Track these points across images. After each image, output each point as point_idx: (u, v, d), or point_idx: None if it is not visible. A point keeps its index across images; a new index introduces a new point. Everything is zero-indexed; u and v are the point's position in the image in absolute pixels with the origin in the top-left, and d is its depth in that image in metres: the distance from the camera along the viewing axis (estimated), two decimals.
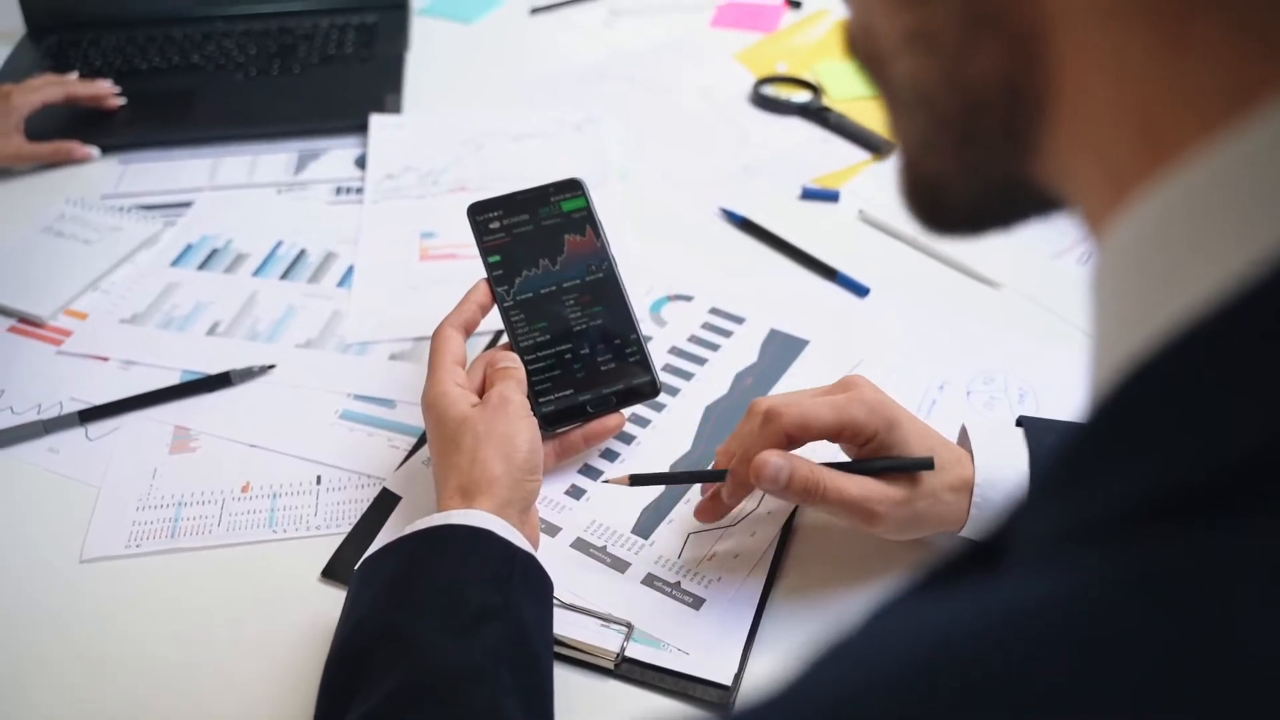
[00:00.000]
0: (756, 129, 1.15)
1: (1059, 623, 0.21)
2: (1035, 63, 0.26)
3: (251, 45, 1.28)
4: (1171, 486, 0.22)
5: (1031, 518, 0.26)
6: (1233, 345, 0.22)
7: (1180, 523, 0.21)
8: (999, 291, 0.92)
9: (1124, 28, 0.23)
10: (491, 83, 1.26)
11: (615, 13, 1.40)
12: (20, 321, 0.91)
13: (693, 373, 0.83)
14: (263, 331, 0.90)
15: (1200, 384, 0.22)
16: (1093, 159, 0.26)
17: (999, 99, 0.28)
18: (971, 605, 0.23)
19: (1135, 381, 0.23)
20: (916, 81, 0.30)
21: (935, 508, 0.64)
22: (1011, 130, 0.28)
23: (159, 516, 0.74)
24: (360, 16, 1.33)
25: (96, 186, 1.08)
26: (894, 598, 0.26)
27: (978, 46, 0.27)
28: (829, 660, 0.24)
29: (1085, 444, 0.24)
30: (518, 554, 0.60)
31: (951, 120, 0.30)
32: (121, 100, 1.17)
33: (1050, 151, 0.27)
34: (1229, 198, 0.22)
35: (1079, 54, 0.25)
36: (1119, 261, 0.25)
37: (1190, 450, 0.22)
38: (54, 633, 0.67)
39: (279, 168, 1.11)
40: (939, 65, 0.29)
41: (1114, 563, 0.21)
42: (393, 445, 0.79)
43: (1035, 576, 0.23)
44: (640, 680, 0.63)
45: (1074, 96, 0.26)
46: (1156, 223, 0.24)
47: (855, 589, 0.68)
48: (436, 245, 0.99)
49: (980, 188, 0.31)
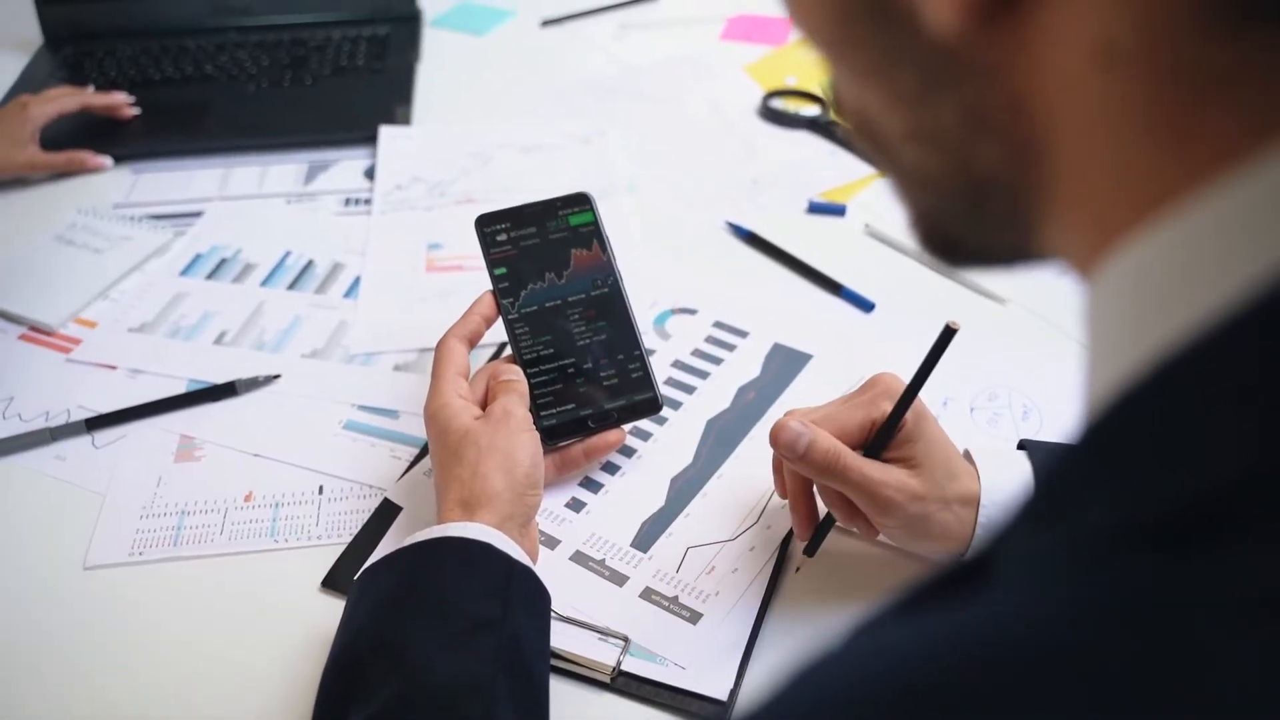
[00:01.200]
0: (765, 142, 1.15)
1: (1025, 646, 0.21)
2: (1035, 163, 0.27)
3: (264, 56, 1.29)
4: (1144, 514, 0.22)
5: (1013, 539, 0.26)
6: (1207, 380, 0.22)
7: (1152, 549, 0.21)
8: (1005, 307, 0.92)
9: (1123, 132, 0.24)
10: (501, 95, 1.26)
11: (626, 26, 1.41)
12: (30, 329, 0.92)
13: (695, 386, 0.84)
14: (269, 341, 0.90)
15: (1175, 415, 0.23)
16: (1086, 223, 0.27)
17: (1002, 191, 0.29)
18: (947, 626, 0.23)
19: (1115, 411, 0.24)
20: (920, 169, 0.31)
21: (944, 515, 0.64)
22: (1012, 216, 0.29)
23: (162, 525, 0.74)
24: (373, 28, 1.34)
25: (108, 195, 1.09)
26: (875, 615, 0.27)
27: (978, 148, 0.28)
28: (809, 676, 0.25)
29: (1066, 469, 0.25)
30: (516, 567, 0.60)
31: (957, 202, 0.31)
32: (136, 110, 1.18)
33: (1049, 226, 0.28)
34: (1206, 248, 0.23)
35: (1078, 155, 0.26)
36: (1107, 301, 0.26)
37: (1165, 479, 0.22)
38: (56, 638, 0.68)
39: (289, 178, 1.11)
40: (943, 159, 0.30)
41: (1085, 586, 0.22)
42: (395, 456, 0.79)
43: (1010, 598, 0.23)
44: (636, 694, 0.63)
45: (1072, 187, 0.27)
46: (1139, 269, 0.25)
47: (853, 605, 0.68)
48: (443, 257, 0.99)
49: (989, 245, 0.32)
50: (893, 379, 0.66)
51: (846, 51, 0.31)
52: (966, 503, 0.64)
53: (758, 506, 0.73)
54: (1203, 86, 0.23)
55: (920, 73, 0.29)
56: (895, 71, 0.29)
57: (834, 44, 0.31)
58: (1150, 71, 0.23)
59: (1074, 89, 0.25)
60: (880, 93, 0.31)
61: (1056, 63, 0.25)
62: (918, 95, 0.29)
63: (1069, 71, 0.25)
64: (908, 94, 0.29)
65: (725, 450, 0.78)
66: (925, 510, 0.63)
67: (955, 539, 0.64)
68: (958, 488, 0.64)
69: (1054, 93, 0.25)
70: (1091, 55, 0.24)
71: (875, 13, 0.28)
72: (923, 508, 0.63)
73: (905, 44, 0.28)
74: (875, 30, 0.29)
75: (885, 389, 0.65)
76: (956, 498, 0.64)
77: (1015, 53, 0.26)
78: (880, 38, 0.29)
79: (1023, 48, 0.25)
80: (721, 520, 0.73)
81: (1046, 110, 0.26)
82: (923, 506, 0.63)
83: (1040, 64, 0.25)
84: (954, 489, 0.64)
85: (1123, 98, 0.24)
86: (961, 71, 0.27)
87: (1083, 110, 0.25)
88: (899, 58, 0.29)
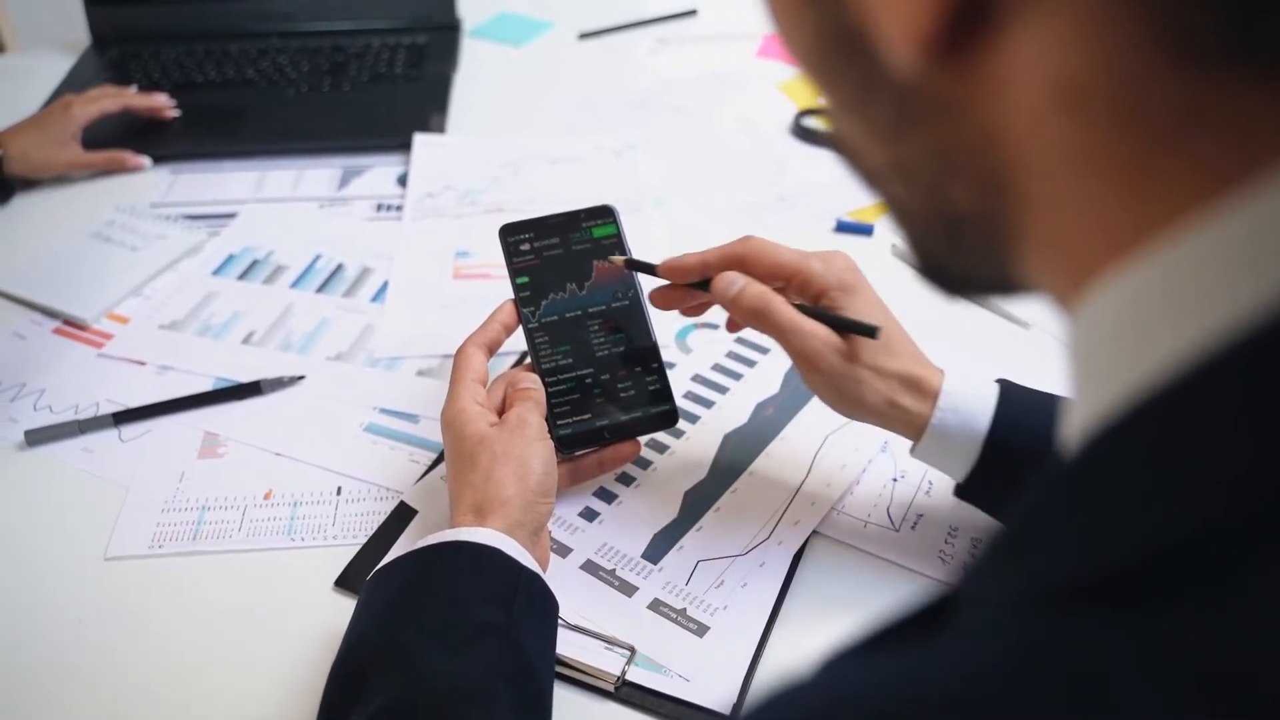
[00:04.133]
0: (795, 160, 1.16)
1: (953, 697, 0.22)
2: (1004, 200, 0.27)
3: (304, 62, 1.31)
4: (1097, 568, 0.22)
5: (980, 578, 0.26)
6: (1168, 430, 0.22)
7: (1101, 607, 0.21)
8: (1028, 332, 0.92)
9: (1087, 172, 0.24)
10: (536, 106, 1.28)
11: (662, 40, 1.42)
12: (65, 323, 0.94)
13: (714, 401, 0.84)
14: (296, 343, 0.92)
15: (1135, 466, 0.23)
16: (1060, 261, 0.27)
17: (974, 226, 0.29)
18: (896, 669, 0.24)
19: (1079, 457, 0.24)
20: (901, 201, 0.32)
21: (878, 385, 0.65)
22: (989, 249, 0.29)
23: (183, 519, 0.76)
24: (412, 37, 1.36)
25: (146, 195, 1.11)
26: (845, 649, 0.27)
27: (949, 184, 0.29)
28: (775, 703, 0.26)
29: (1032, 515, 0.25)
30: (524, 573, 0.61)
31: (937, 235, 0.31)
32: (176, 112, 1.21)
33: (1025, 260, 0.29)
34: (1174, 290, 0.23)
35: (1045, 193, 0.26)
36: (1083, 341, 0.26)
37: (1120, 533, 0.22)
38: (75, 627, 0.69)
39: (323, 183, 1.13)
40: (918, 194, 0.30)
41: (1018, 637, 0.22)
42: (414, 460, 0.80)
43: (956, 646, 0.24)
44: (640, 704, 0.63)
45: (1042, 224, 0.27)
46: (1111, 312, 0.25)
47: (860, 624, 0.68)
48: (470, 264, 1.00)
49: (972, 277, 0.33)
50: (844, 256, 0.70)
51: (829, 82, 0.31)
52: (911, 386, 0.66)
53: (770, 522, 0.73)
54: (1165, 129, 0.23)
55: (893, 109, 0.29)
56: (871, 107, 0.30)
57: (819, 76, 0.31)
58: (1112, 114, 0.23)
59: (1037, 129, 0.25)
60: (860, 125, 0.31)
61: (1018, 101, 0.25)
62: (893, 130, 0.29)
63: (1031, 111, 0.25)
64: (883, 129, 0.30)
65: (740, 465, 0.78)
66: (855, 374, 0.65)
67: (900, 422, 0.66)
68: (897, 364, 0.66)
69: (1018, 132, 0.25)
70: (1053, 96, 0.24)
71: (847, 48, 0.28)
72: (852, 370, 0.65)
73: (877, 79, 0.28)
74: (849, 64, 0.29)
75: (828, 255, 0.70)
76: (896, 374, 0.65)
77: (977, 91, 0.26)
78: (855, 72, 0.29)
79: (984, 86, 0.25)
80: (733, 535, 0.73)
81: (1013, 149, 0.26)
82: (852, 370, 0.65)
83: (1002, 103, 0.25)
84: (892, 364, 0.65)
85: (1086, 139, 0.24)
86: (928, 109, 0.27)
87: (1047, 150, 0.25)
88: (873, 93, 0.29)
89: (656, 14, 1.46)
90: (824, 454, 0.78)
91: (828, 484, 0.76)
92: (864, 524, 0.74)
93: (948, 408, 0.65)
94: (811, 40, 0.30)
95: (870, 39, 0.27)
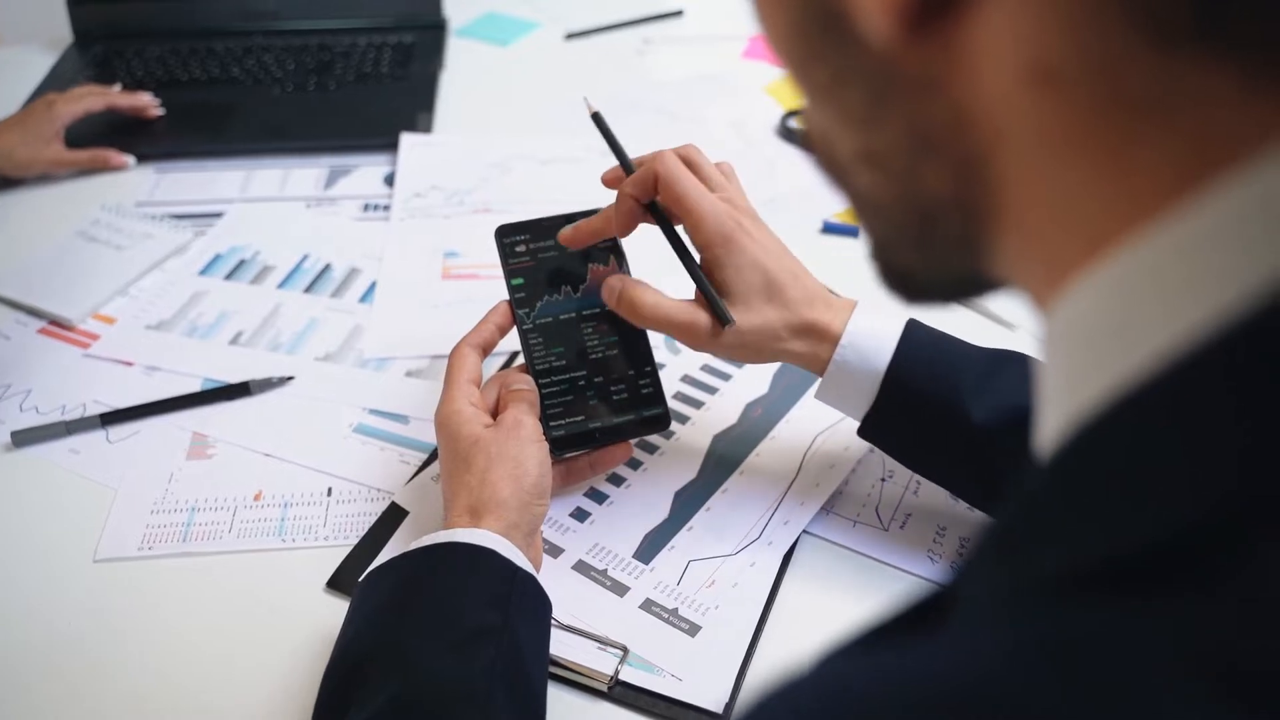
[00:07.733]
0: (782, 162, 1.16)
1: (958, 693, 0.22)
2: (980, 184, 0.27)
3: (290, 60, 1.30)
4: (1096, 559, 0.22)
5: (976, 574, 0.26)
6: (1157, 424, 0.22)
7: (1101, 598, 0.22)
8: (1014, 333, 0.92)
9: (1063, 155, 0.24)
10: (523, 106, 1.28)
11: (649, 41, 1.42)
12: (50, 323, 0.94)
13: (703, 401, 0.84)
14: (284, 343, 0.91)
15: (1129, 459, 0.23)
16: (1036, 254, 0.27)
17: (949, 214, 0.29)
18: (897, 666, 0.24)
19: (1068, 451, 0.24)
20: (871, 194, 0.31)
21: (763, 345, 0.68)
22: (963, 240, 0.29)
23: (172, 520, 0.75)
24: (398, 36, 1.36)
25: (131, 194, 1.11)
26: (843, 644, 0.27)
27: (924, 169, 0.29)
28: (774, 699, 0.26)
29: (1025, 509, 0.25)
30: (519, 574, 0.61)
31: (907, 229, 0.31)
32: (161, 111, 1.20)
33: (1000, 252, 0.28)
34: (1156, 284, 0.23)
35: (1021, 177, 0.26)
36: (1058, 338, 0.26)
37: (1118, 524, 0.22)
38: (64, 628, 0.69)
39: (309, 182, 1.13)
40: (890, 183, 0.30)
41: (1027, 631, 0.22)
42: (404, 461, 0.80)
43: (958, 641, 0.23)
44: (632, 704, 0.63)
45: (1019, 211, 0.27)
46: (1090, 308, 0.25)
47: (852, 622, 0.68)
48: (458, 265, 1.00)
49: (942, 277, 0.33)
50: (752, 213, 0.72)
51: (805, 69, 0.31)
52: (803, 333, 0.68)
53: (760, 522, 0.74)
54: (1140, 111, 0.23)
55: (868, 91, 0.29)
56: (845, 90, 0.29)
57: (795, 61, 0.31)
58: (1086, 94, 0.23)
59: (1012, 109, 0.25)
60: (834, 112, 0.31)
61: (993, 80, 0.25)
62: (867, 114, 0.29)
63: (1006, 90, 0.25)
64: (857, 114, 0.30)
65: (730, 465, 0.78)
66: (731, 342, 0.67)
67: (804, 364, 0.69)
68: (783, 315, 0.67)
69: (993, 110, 0.25)
70: (1028, 74, 0.24)
71: (825, 29, 0.28)
72: (727, 338, 0.67)
73: (853, 61, 0.28)
74: (827, 47, 0.29)
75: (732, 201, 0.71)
76: (783, 325, 0.67)
77: (952, 69, 0.26)
78: (832, 55, 0.29)
79: (959, 63, 0.25)
80: (724, 535, 0.73)
81: (989, 131, 0.26)
82: (726, 338, 0.67)
83: (978, 82, 0.25)
84: (776, 317, 0.67)
85: (1061, 120, 0.24)
86: (904, 86, 0.27)
87: (1022, 131, 0.25)
88: (849, 76, 0.29)
89: (642, 14, 1.47)
90: (813, 454, 0.79)
91: (817, 484, 0.76)
92: (853, 523, 0.74)
93: (848, 345, 0.67)
94: (790, 21, 0.30)
95: (848, 17, 0.27)
